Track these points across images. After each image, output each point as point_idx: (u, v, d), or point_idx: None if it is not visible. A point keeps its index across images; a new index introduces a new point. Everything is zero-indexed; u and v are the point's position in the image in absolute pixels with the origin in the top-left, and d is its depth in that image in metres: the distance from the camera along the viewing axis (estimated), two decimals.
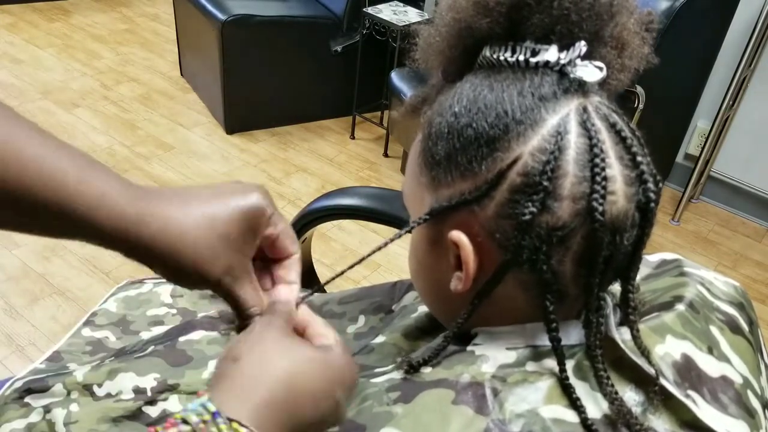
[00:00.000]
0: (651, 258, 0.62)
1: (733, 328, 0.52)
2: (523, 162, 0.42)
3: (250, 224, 0.44)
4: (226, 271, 0.43)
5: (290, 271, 0.49)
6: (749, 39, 2.02)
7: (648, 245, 0.45)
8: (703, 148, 2.26)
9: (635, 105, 1.86)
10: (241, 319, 0.46)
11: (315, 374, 0.41)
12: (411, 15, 2.39)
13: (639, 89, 1.84)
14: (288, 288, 0.49)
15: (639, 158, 0.43)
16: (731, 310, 0.54)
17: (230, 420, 0.36)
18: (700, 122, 2.39)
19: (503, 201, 0.43)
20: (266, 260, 0.49)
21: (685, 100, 2.30)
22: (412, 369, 0.47)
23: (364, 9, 2.40)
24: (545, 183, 0.41)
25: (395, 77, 2.20)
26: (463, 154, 0.44)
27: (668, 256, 0.61)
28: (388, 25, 2.35)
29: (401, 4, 2.47)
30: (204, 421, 0.35)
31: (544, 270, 0.43)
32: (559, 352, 0.44)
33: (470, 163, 0.44)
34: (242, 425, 0.36)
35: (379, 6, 2.43)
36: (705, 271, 0.57)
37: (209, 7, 2.36)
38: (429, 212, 0.47)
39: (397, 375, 0.48)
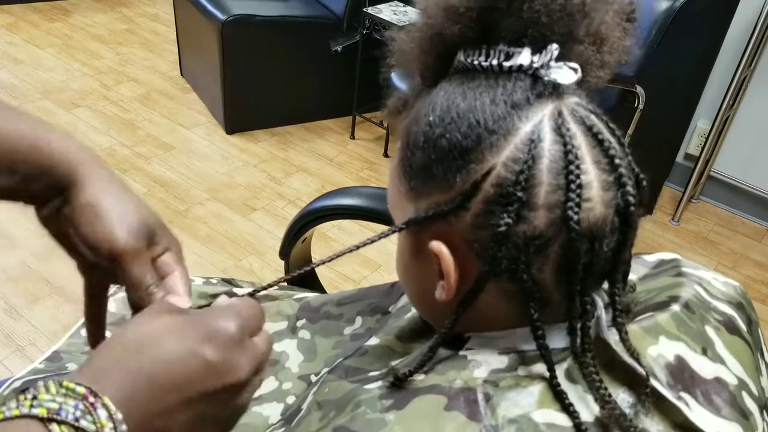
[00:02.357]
0: (649, 258, 0.62)
1: (730, 328, 0.51)
2: (496, 173, 0.41)
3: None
4: (130, 244, 0.48)
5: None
6: (749, 39, 2.02)
7: (648, 245, 0.45)
8: (703, 148, 2.25)
9: (635, 105, 1.86)
10: (137, 295, 0.48)
11: (165, 335, 0.38)
12: (411, 15, 2.39)
13: (639, 89, 1.83)
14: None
15: (617, 161, 0.42)
16: (729, 310, 0.53)
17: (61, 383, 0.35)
18: (700, 122, 2.39)
19: (479, 212, 0.42)
20: None
21: (685, 100, 2.30)
22: (398, 381, 0.47)
23: (364, 9, 2.40)
24: (519, 194, 0.41)
25: (395, 77, 2.20)
26: (438, 165, 0.44)
27: (667, 255, 0.61)
28: (388, 25, 2.34)
29: (401, 4, 2.47)
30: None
31: (524, 279, 0.43)
32: (547, 358, 0.44)
33: (446, 174, 0.43)
34: (78, 384, 0.35)
35: (379, 6, 2.42)
36: (704, 271, 0.57)
37: (209, 7, 2.36)
38: (405, 222, 0.46)
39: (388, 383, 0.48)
